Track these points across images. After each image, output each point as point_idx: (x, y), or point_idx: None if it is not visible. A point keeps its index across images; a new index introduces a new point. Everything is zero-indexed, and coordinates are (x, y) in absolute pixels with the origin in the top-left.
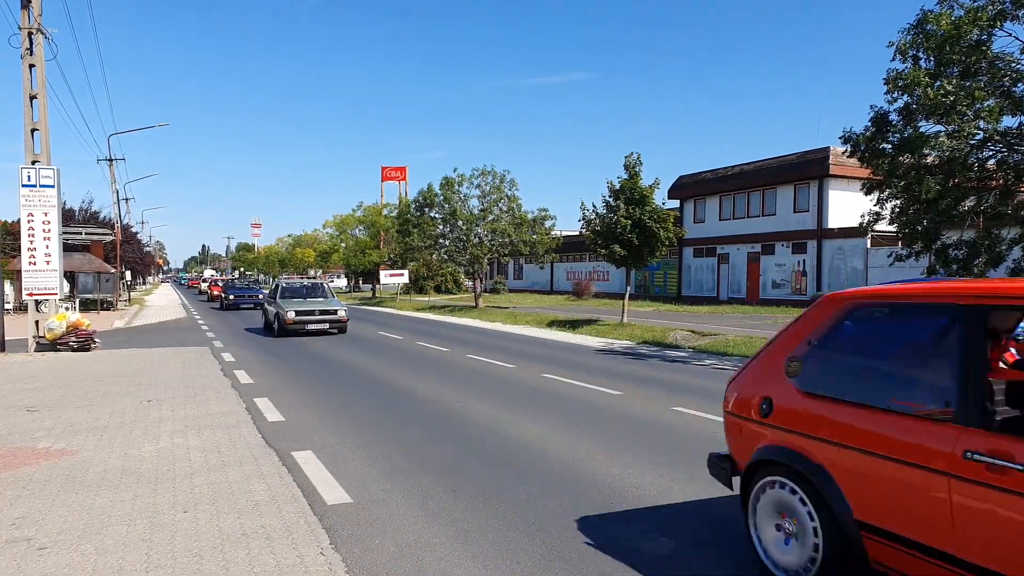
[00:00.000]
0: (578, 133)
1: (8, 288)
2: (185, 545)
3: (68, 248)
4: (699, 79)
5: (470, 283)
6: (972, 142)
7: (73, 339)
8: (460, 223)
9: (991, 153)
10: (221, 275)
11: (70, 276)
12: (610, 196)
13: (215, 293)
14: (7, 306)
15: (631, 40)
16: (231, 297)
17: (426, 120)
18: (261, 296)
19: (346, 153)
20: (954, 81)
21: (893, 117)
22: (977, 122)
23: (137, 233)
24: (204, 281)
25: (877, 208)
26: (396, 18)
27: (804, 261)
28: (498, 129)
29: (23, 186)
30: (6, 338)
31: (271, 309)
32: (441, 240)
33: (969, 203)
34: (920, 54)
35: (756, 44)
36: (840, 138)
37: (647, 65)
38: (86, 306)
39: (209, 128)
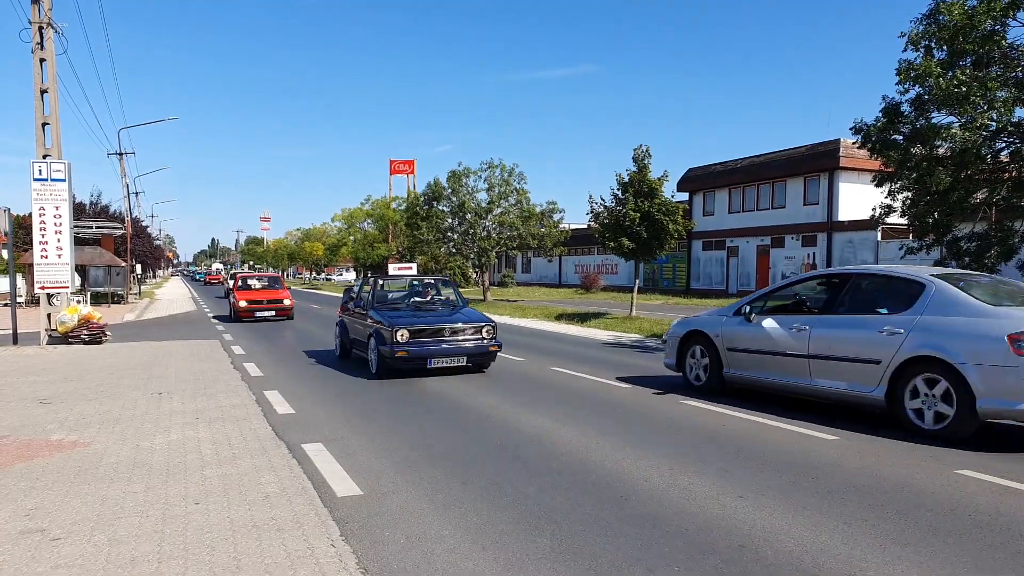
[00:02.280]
0: (586, 126)
1: (20, 281)
2: (197, 536)
3: (79, 242)
4: (709, 71)
5: (478, 276)
6: (985, 133)
7: (85, 332)
8: (468, 216)
9: (1004, 144)
10: (244, 268)
11: (81, 269)
12: (619, 189)
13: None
14: (19, 299)
15: (640, 32)
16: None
17: (433, 114)
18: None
19: (354, 147)
20: (967, 71)
21: (905, 108)
22: (990, 113)
23: (147, 227)
24: (230, 276)
25: (888, 200)
26: (405, 11)
27: (814, 254)
28: (506, 122)
29: (34, 180)
30: (19, 331)
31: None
32: (449, 233)
33: (981, 195)
34: (932, 44)
35: (766, 35)
36: (851, 129)
37: (656, 57)
38: (97, 299)
39: (218, 122)
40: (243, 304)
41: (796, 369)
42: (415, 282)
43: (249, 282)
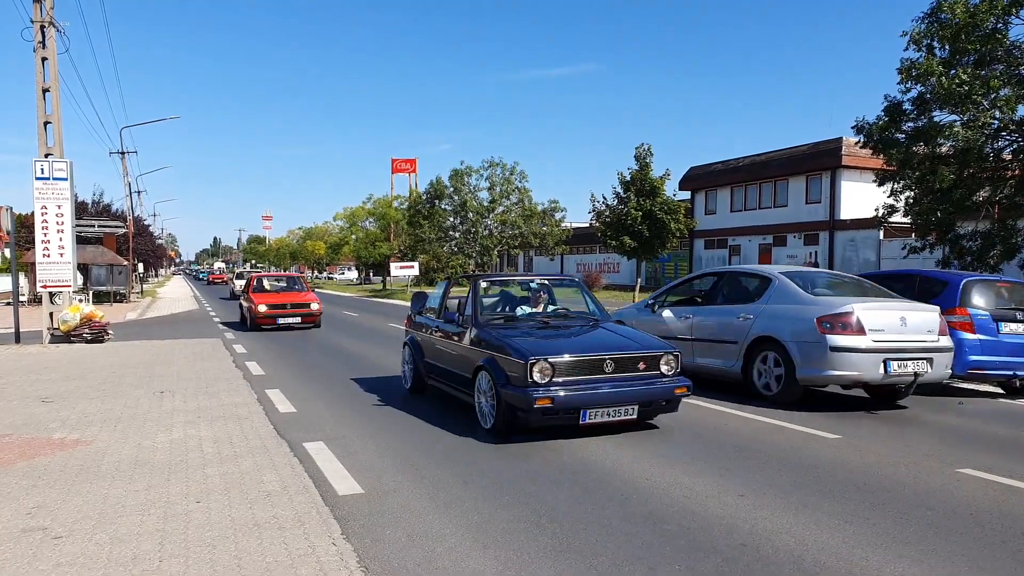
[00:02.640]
0: (588, 125)
1: (23, 280)
2: (198, 535)
3: (81, 240)
4: (710, 70)
5: None
6: (987, 132)
7: (87, 331)
8: (470, 215)
9: (1007, 143)
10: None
11: (83, 268)
12: (621, 187)
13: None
14: (22, 298)
15: (641, 31)
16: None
17: (434, 113)
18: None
19: (356, 145)
20: (969, 70)
21: (907, 107)
22: (993, 111)
23: (149, 226)
24: (236, 276)
25: (891, 200)
26: (405, 10)
27: (816, 253)
28: (507, 121)
29: (37, 179)
30: (21, 330)
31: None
32: (451, 232)
33: (984, 193)
34: (935, 43)
35: (768, 34)
36: (853, 128)
37: (657, 56)
38: (99, 298)
39: (220, 121)
40: (263, 309)
41: (684, 350)
42: (532, 282)
43: (266, 283)
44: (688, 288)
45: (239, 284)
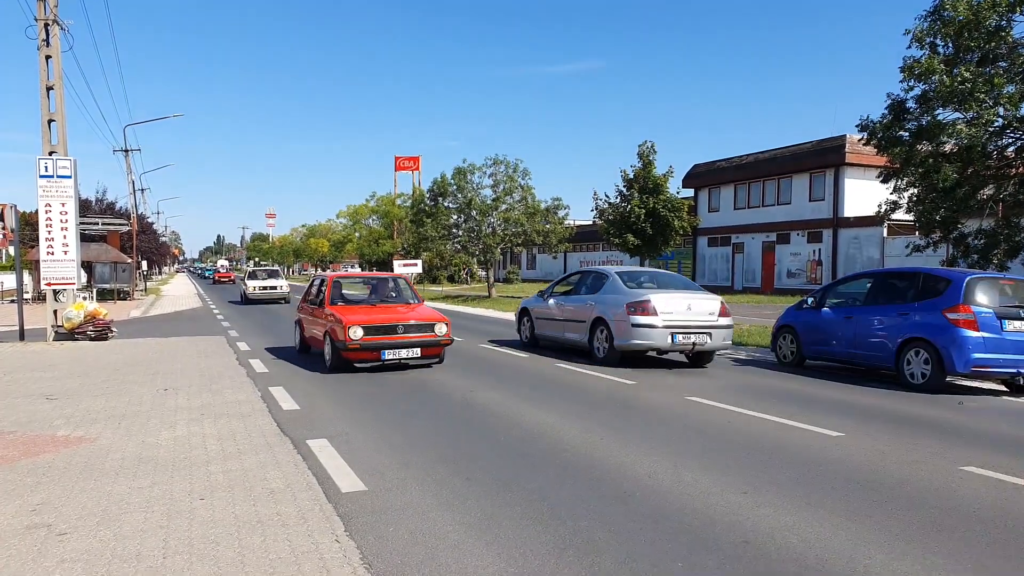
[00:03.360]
0: (592, 122)
1: (27, 278)
2: (202, 532)
3: (85, 238)
4: (714, 67)
5: (483, 273)
6: (991, 129)
7: (91, 328)
8: (474, 213)
9: (1011, 140)
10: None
11: (87, 266)
12: (624, 185)
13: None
14: (26, 295)
15: (645, 28)
16: None
17: (438, 110)
18: None
19: (360, 143)
20: (972, 68)
21: (910, 105)
22: (996, 109)
23: (153, 223)
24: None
25: (895, 197)
26: (408, 7)
27: (819, 250)
28: (511, 118)
29: (40, 177)
30: (25, 327)
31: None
32: (454, 230)
33: (988, 191)
34: (937, 41)
35: (772, 32)
36: (857, 126)
37: (661, 53)
38: (103, 296)
39: (223, 119)
40: (358, 335)
41: (558, 327)
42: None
43: (347, 291)
44: (566, 283)
45: (253, 286)
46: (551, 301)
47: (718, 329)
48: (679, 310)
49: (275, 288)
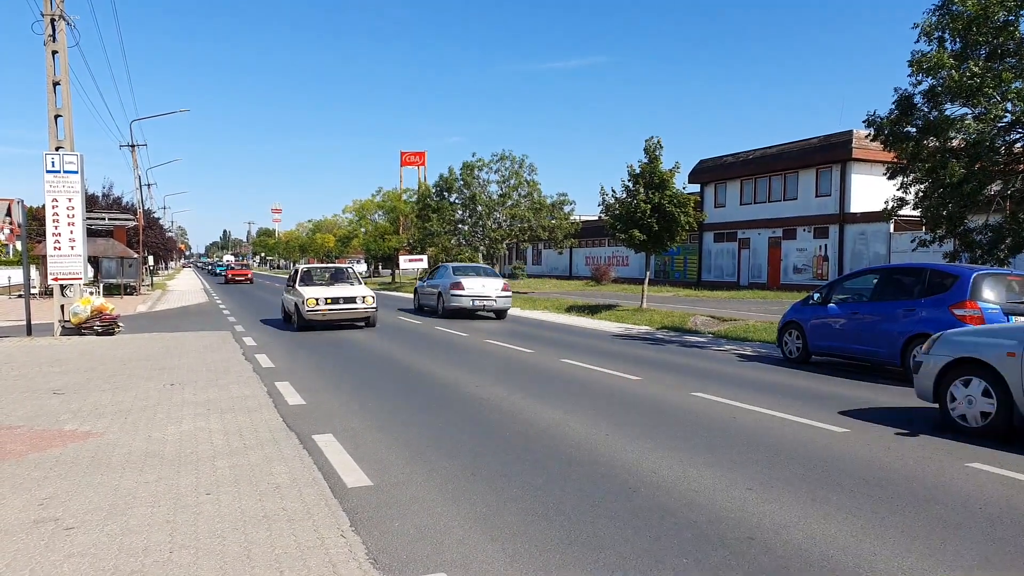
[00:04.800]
0: (597, 117)
1: (34, 273)
2: (208, 526)
3: (92, 233)
4: (720, 62)
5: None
6: (999, 125)
7: (97, 323)
8: (480, 208)
9: (1019, 136)
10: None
11: (94, 261)
12: (630, 180)
13: None
14: (33, 291)
15: (651, 23)
16: None
17: (444, 105)
18: None
19: (365, 138)
20: (980, 63)
21: (918, 100)
22: (1004, 104)
23: (159, 218)
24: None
25: (901, 193)
26: (414, 3)
27: (826, 246)
28: (516, 114)
29: (47, 172)
30: (32, 322)
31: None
32: (460, 225)
33: (995, 187)
34: (946, 35)
35: (778, 26)
36: (864, 121)
37: (667, 48)
38: (110, 291)
39: (230, 114)
40: (313, 304)
41: (435, 300)
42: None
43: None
44: (432, 271)
45: (313, 298)
46: (424, 283)
47: (500, 299)
48: (477, 287)
49: (352, 301)
